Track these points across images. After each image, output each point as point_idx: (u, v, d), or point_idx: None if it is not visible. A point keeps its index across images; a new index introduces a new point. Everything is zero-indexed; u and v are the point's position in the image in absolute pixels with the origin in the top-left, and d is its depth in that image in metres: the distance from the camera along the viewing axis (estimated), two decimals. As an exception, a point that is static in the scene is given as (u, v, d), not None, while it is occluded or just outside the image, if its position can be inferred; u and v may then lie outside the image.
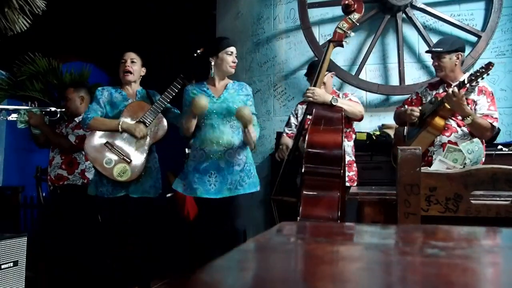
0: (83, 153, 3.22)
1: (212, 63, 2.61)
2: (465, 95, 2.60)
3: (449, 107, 2.57)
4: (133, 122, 2.74)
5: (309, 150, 2.40)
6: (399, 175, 1.08)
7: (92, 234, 3.10)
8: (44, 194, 3.86)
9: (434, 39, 3.67)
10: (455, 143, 2.57)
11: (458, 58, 2.69)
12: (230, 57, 2.60)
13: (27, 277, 2.45)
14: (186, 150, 3.68)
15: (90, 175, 3.24)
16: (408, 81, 3.70)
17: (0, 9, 3.14)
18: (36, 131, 3.32)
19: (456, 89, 2.47)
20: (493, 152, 3.10)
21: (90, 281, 3.29)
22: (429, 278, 0.47)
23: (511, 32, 3.67)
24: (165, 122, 2.79)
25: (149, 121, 2.72)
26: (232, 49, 2.62)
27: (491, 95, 2.64)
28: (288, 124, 3.12)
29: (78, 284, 3.24)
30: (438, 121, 2.61)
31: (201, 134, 2.58)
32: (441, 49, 2.69)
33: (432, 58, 2.75)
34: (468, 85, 2.50)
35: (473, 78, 2.47)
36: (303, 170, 2.38)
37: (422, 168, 1.08)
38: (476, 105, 2.62)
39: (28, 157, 4.71)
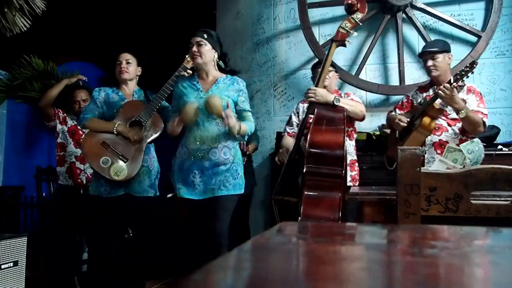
0: None
1: None
2: None
3: (437, 107, 2.62)
4: (128, 123, 2.73)
5: (311, 150, 2.39)
6: (399, 175, 1.08)
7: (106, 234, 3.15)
8: (44, 194, 3.86)
9: (434, 39, 3.68)
10: (446, 142, 2.63)
11: (449, 58, 2.77)
12: (190, 49, 2.46)
13: (27, 277, 2.45)
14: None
15: None
16: (408, 81, 3.70)
17: (0, 9, 3.14)
18: None
19: (447, 85, 2.50)
20: (493, 152, 3.10)
21: (90, 281, 3.29)
22: (429, 278, 0.47)
23: (511, 32, 3.67)
24: (161, 121, 2.77)
25: (144, 120, 2.71)
26: (192, 39, 2.45)
27: (479, 94, 2.69)
28: (289, 123, 3.09)
29: (79, 284, 3.24)
30: (428, 121, 2.63)
31: (186, 129, 2.44)
32: (437, 49, 2.73)
33: (426, 59, 2.76)
34: (454, 84, 2.51)
35: (458, 77, 2.49)
36: (304, 170, 2.37)
37: (422, 168, 1.08)
38: (465, 103, 2.64)
39: (28, 157, 4.71)
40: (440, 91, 2.51)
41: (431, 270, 0.50)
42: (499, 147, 3.22)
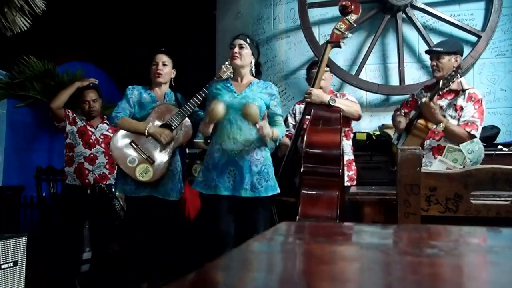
0: None
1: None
2: (454, 100, 2.66)
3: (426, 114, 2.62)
4: (160, 124, 2.76)
5: (308, 150, 2.41)
6: (399, 175, 1.08)
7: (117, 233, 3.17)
8: (44, 194, 3.86)
9: (434, 39, 3.68)
10: (444, 147, 2.60)
11: (456, 61, 2.70)
12: (232, 50, 2.54)
13: (27, 277, 2.45)
14: (187, 150, 3.69)
15: None
16: (408, 81, 3.70)
17: (0, 9, 3.14)
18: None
19: (427, 100, 2.51)
20: (493, 152, 3.09)
21: (91, 280, 3.29)
22: (429, 278, 0.47)
23: (511, 32, 3.67)
24: (190, 126, 2.80)
25: (175, 124, 2.74)
26: (235, 41, 2.55)
27: (479, 102, 2.63)
28: (285, 124, 3.10)
29: (79, 284, 3.24)
30: (422, 123, 2.62)
31: (219, 129, 2.49)
32: (441, 49, 2.70)
33: (431, 58, 2.74)
34: (434, 100, 2.52)
35: (445, 81, 2.50)
36: (301, 170, 2.38)
37: (422, 168, 1.08)
38: (462, 111, 2.63)
39: (28, 157, 4.71)
40: (421, 105, 2.56)
41: (431, 270, 0.50)
42: (499, 147, 3.22)
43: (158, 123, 2.78)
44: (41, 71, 4.44)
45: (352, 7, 2.66)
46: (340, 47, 2.75)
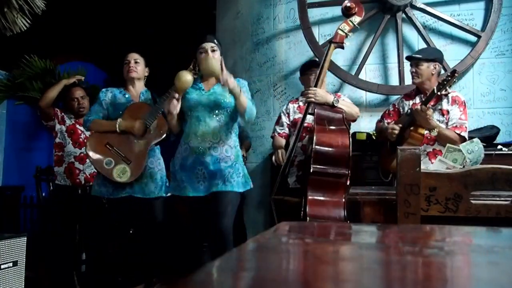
0: None
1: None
2: (438, 105, 2.71)
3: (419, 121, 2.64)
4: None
5: (319, 150, 2.39)
6: (399, 175, 1.08)
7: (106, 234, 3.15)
8: (44, 194, 3.86)
9: (434, 39, 3.68)
10: (440, 152, 2.67)
11: (435, 68, 2.78)
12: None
13: (27, 277, 2.45)
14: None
15: None
16: (408, 81, 3.69)
17: (0, 9, 3.14)
18: None
19: (423, 106, 2.57)
20: (493, 152, 3.10)
21: (90, 281, 3.29)
22: (429, 278, 0.47)
23: (511, 32, 3.67)
24: (166, 123, 2.76)
25: (149, 122, 2.71)
26: (204, 45, 2.46)
27: (463, 104, 2.73)
28: (279, 123, 3.07)
29: (78, 284, 3.24)
30: (417, 131, 2.66)
31: (187, 127, 2.45)
32: (420, 56, 2.79)
33: (411, 65, 2.83)
34: (438, 93, 2.56)
35: (441, 87, 2.55)
36: (311, 170, 2.37)
37: (422, 168, 1.08)
38: (448, 114, 2.70)
39: (28, 157, 4.71)
40: (415, 113, 2.60)
41: (431, 270, 0.50)
42: (499, 147, 3.22)
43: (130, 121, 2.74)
44: (42, 70, 4.44)
45: (356, 9, 2.67)
46: (343, 48, 2.76)
